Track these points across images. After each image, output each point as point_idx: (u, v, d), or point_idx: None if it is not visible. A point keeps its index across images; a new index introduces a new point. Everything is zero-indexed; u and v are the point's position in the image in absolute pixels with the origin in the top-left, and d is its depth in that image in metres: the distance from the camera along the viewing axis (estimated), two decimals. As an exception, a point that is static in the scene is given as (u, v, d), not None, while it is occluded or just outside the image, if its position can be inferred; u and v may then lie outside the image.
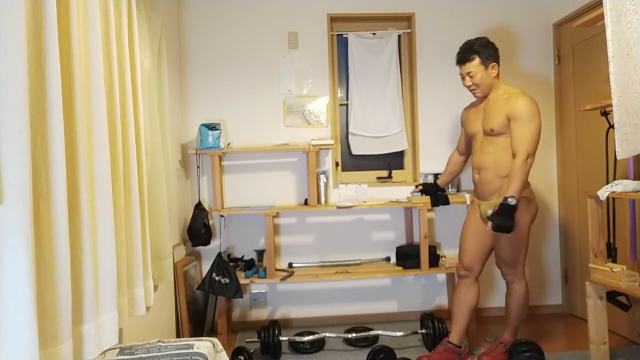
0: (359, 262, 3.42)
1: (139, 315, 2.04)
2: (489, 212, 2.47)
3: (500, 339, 2.73)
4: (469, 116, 2.73)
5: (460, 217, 3.30)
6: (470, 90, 2.63)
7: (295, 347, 2.92)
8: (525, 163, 2.39)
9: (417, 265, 3.17)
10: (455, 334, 2.67)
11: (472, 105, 2.78)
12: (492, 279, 3.51)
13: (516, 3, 3.53)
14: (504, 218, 2.36)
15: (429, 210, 3.44)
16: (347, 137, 3.52)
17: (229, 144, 3.33)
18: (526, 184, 2.52)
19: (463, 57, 2.56)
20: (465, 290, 2.68)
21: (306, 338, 2.87)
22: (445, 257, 3.34)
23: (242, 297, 3.05)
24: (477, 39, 2.58)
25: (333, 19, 3.48)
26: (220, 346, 1.85)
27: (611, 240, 2.67)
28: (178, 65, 3.35)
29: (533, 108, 2.44)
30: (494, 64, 2.56)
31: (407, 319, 3.42)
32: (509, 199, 2.35)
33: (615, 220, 2.78)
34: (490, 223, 2.42)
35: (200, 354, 1.62)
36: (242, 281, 3.07)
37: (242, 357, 2.61)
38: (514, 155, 2.43)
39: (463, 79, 2.62)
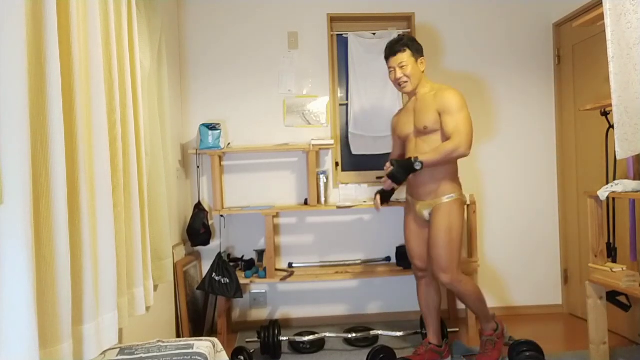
0: (359, 262, 3.42)
1: (139, 315, 2.04)
2: (425, 213, 2.55)
3: (485, 335, 2.66)
4: (400, 120, 2.70)
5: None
6: (401, 84, 2.57)
7: (295, 347, 2.92)
8: (454, 147, 2.40)
9: (417, 265, 3.17)
10: (433, 335, 2.68)
11: (401, 110, 2.79)
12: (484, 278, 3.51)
13: (516, 3, 3.53)
14: (401, 171, 2.45)
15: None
16: (347, 137, 3.52)
17: (229, 144, 3.33)
18: (458, 185, 2.56)
19: (394, 48, 2.55)
20: (426, 291, 2.69)
21: (306, 338, 2.87)
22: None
23: (242, 297, 3.05)
24: (403, 35, 2.62)
25: (333, 19, 3.48)
26: (220, 346, 1.85)
27: (611, 240, 2.66)
28: (178, 65, 3.35)
29: (460, 99, 2.46)
30: (422, 58, 2.57)
31: (407, 319, 3.42)
32: (417, 163, 2.40)
33: (615, 220, 2.77)
34: (389, 169, 2.49)
35: (200, 354, 1.62)
36: (242, 281, 3.07)
37: (242, 357, 2.61)
38: (447, 139, 2.47)
39: (392, 72, 2.58)
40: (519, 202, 3.54)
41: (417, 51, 2.56)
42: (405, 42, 2.55)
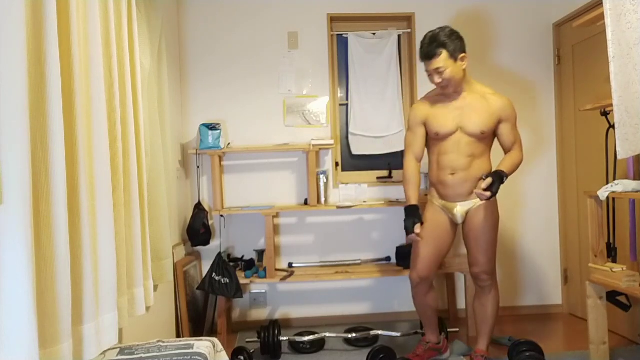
0: (359, 262, 3.41)
1: (139, 315, 2.03)
2: (463, 214, 2.49)
3: (479, 353, 2.57)
4: (437, 114, 2.45)
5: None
6: (441, 88, 2.41)
7: (295, 347, 2.92)
8: (522, 158, 2.47)
9: (417, 265, 3.17)
10: (431, 334, 2.66)
11: (435, 100, 2.50)
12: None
13: (516, 3, 3.53)
14: (497, 186, 2.26)
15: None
16: (347, 137, 3.52)
17: (229, 144, 3.33)
18: None
19: (429, 52, 2.29)
20: (424, 299, 2.60)
21: (306, 338, 2.87)
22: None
23: (242, 297, 3.05)
24: (440, 29, 2.32)
25: (333, 19, 3.48)
26: (220, 346, 1.85)
27: (611, 240, 2.67)
28: (178, 65, 3.35)
29: (515, 110, 2.49)
30: (462, 55, 2.33)
31: (407, 319, 3.42)
32: (505, 173, 2.32)
33: (615, 220, 2.78)
34: (486, 194, 2.24)
35: (200, 354, 1.62)
36: (242, 281, 3.07)
37: (242, 357, 2.61)
38: (509, 150, 2.48)
39: (430, 76, 2.37)
40: (519, 202, 3.54)
41: (456, 49, 2.30)
42: (441, 42, 2.27)
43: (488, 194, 2.23)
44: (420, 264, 2.53)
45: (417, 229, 2.41)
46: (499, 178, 2.28)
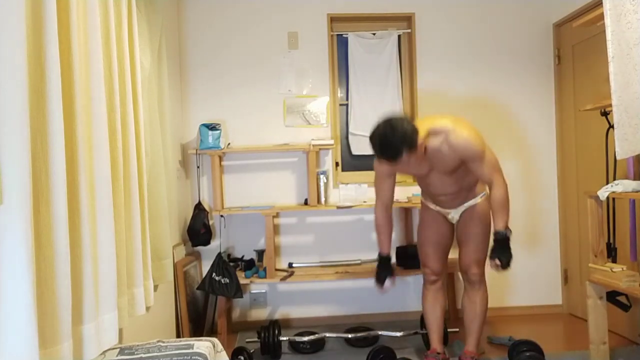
0: (359, 262, 3.41)
1: (139, 315, 2.04)
2: (457, 215, 2.51)
3: (468, 355, 2.55)
4: (403, 169, 2.42)
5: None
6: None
7: (295, 347, 2.92)
8: (504, 190, 2.31)
9: (417, 265, 3.14)
10: (438, 343, 2.61)
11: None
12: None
13: (516, 3, 3.53)
14: (506, 251, 2.28)
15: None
16: (347, 137, 3.52)
17: (229, 144, 3.33)
18: (482, 187, 2.49)
19: (389, 158, 2.15)
20: (435, 297, 2.61)
21: (306, 338, 2.87)
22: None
23: (242, 297, 3.05)
24: (391, 130, 2.08)
25: (333, 19, 3.48)
26: (220, 346, 1.85)
27: (611, 240, 2.67)
28: (178, 65, 3.35)
29: (476, 141, 2.24)
30: (420, 142, 2.16)
31: (407, 319, 3.42)
32: (506, 232, 2.28)
33: (615, 220, 2.78)
34: (497, 263, 2.26)
35: (200, 354, 1.62)
36: (242, 281, 3.07)
37: (242, 357, 2.61)
38: (488, 185, 2.35)
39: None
40: (519, 202, 3.54)
41: (412, 143, 2.10)
42: (397, 148, 2.09)
43: (506, 269, 2.29)
44: (432, 260, 2.59)
45: (388, 283, 2.50)
46: (503, 246, 2.28)
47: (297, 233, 3.46)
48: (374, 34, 3.50)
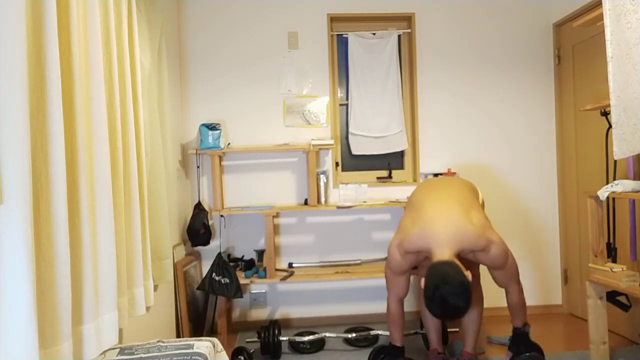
0: (359, 262, 3.42)
1: (139, 315, 2.04)
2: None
3: (466, 356, 2.57)
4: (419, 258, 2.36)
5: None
6: None
7: (295, 347, 2.92)
8: (522, 295, 2.41)
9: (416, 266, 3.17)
10: (438, 343, 2.63)
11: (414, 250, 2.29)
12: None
13: (516, 3, 3.53)
14: (527, 346, 2.40)
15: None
16: (347, 137, 3.52)
17: (229, 144, 3.33)
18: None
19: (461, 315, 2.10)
20: None
21: (306, 338, 2.87)
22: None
23: (242, 297, 3.05)
24: (462, 299, 2.03)
25: (333, 19, 3.48)
26: (220, 346, 1.85)
27: (611, 240, 2.67)
28: (178, 65, 3.35)
29: (503, 249, 2.26)
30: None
31: (407, 319, 3.42)
32: (524, 328, 2.41)
33: (615, 220, 2.78)
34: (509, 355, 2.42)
35: (200, 354, 1.62)
36: (242, 281, 3.07)
37: (242, 357, 2.61)
38: (503, 288, 2.42)
39: None
40: (519, 202, 3.54)
41: (470, 296, 2.08)
42: (463, 311, 2.06)
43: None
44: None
45: None
46: (522, 340, 2.41)
47: (297, 233, 3.46)
48: (374, 34, 3.50)
